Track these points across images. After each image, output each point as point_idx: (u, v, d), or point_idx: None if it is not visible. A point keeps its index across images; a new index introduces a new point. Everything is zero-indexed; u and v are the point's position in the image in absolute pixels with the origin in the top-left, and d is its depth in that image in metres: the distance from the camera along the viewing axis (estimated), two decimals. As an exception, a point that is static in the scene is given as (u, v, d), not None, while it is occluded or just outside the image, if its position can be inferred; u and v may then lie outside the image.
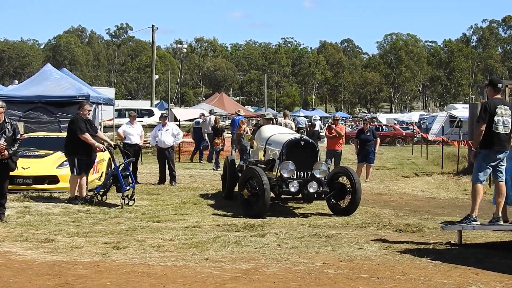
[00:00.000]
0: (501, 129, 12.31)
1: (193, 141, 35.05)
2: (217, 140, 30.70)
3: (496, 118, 12.25)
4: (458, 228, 12.47)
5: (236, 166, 19.06)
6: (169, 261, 10.56)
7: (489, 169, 12.44)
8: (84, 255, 10.98)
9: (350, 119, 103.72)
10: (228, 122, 50.62)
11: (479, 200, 12.49)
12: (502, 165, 12.57)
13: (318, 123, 44.49)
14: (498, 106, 12.35)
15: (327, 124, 37.31)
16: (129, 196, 16.98)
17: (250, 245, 11.91)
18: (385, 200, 19.69)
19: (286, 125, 27.02)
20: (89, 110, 18.14)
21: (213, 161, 30.25)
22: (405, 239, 12.76)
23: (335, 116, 28.43)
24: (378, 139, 25.62)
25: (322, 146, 29.25)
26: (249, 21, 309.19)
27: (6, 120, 14.29)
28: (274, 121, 21.86)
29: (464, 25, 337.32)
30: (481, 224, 12.75)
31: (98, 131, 18.69)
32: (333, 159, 24.93)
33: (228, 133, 36.57)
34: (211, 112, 35.47)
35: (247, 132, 27.11)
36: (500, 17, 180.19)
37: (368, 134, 24.64)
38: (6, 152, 13.99)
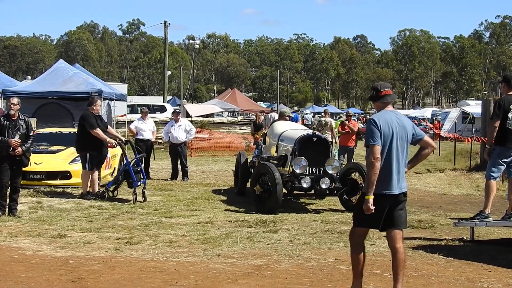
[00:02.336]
0: None
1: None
2: (257, 135, 30.84)
3: (510, 115, 12.16)
4: (471, 224, 12.43)
5: (249, 162, 19.05)
6: (181, 256, 10.59)
7: (503, 165, 12.37)
8: (97, 250, 11.01)
9: (362, 115, 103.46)
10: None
11: (492, 196, 12.44)
12: None
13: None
14: None
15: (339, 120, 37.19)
16: (143, 193, 16.98)
17: (263, 241, 11.92)
18: (398, 196, 19.62)
19: (326, 123, 27.06)
20: (100, 106, 18.20)
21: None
22: (418, 235, 12.74)
23: (348, 112, 28.38)
24: None
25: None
26: (261, 18, 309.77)
27: (20, 116, 14.36)
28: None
29: (475, 21, 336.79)
30: (494, 220, 12.71)
31: (109, 126, 18.70)
32: (345, 155, 24.89)
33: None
34: (272, 110, 35.80)
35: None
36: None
37: None
38: (20, 149, 14.07)
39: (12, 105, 14.29)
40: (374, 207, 7.94)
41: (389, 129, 8.11)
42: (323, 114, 33.15)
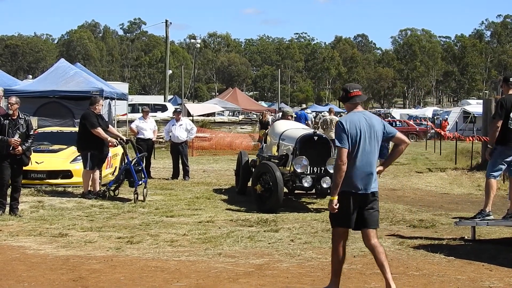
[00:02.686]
0: None
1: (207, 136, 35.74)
2: (259, 134, 30.89)
3: None
4: (472, 224, 12.46)
5: (250, 161, 19.04)
6: (182, 256, 10.59)
7: (504, 165, 12.44)
8: (98, 249, 11.01)
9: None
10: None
11: (493, 195, 12.51)
12: None
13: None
14: None
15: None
16: (143, 193, 16.95)
17: (264, 240, 11.92)
18: (399, 195, 19.64)
19: (331, 121, 27.11)
20: (102, 105, 18.22)
21: None
22: (419, 235, 12.74)
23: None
24: None
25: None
26: (262, 17, 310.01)
27: (20, 115, 14.37)
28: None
29: (476, 20, 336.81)
30: (495, 220, 12.73)
31: (110, 126, 18.70)
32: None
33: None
34: (280, 109, 36.07)
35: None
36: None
37: None
38: (20, 148, 14.10)
39: (10, 105, 14.31)
40: (337, 206, 8.21)
41: (356, 130, 8.28)
42: (325, 112, 33.27)
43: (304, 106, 53.71)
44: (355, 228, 8.47)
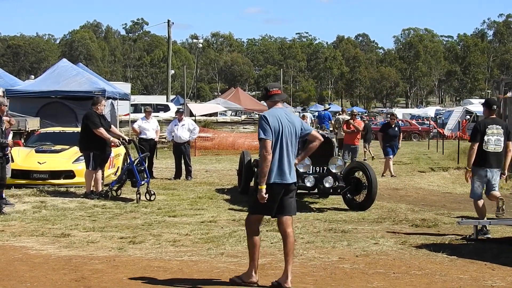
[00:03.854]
0: (491, 148, 12.79)
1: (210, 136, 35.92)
2: None
3: (486, 138, 12.71)
4: (474, 223, 12.48)
5: (252, 160, 19.03)
6: (185, 256, 10.59)
7: (483, 184, 12.82)
8: (100, 249, 11.01)
9: (366, 114, 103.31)
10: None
11: (481, 213, 12.81)
12: (494, 183, 13.00)
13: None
14: (489, 126, 12.84)
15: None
16: (148, 192, 16.92)
17: (266, 240, 11.89)
18: (401, 195, 19.64)
19: (343, 121, 27.19)
20: (105, 105, 18.23)
21: None
22: (421, 233, 12.73)
23: (352, 111, 28.40)
24: (401, 134, 25.80)
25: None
26: (264, 16, 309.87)
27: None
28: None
29: (477, 19, 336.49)
30: (497, 219, 12.77)
31: (112, 126, 18.67)
32: (349, 154, 24.91)
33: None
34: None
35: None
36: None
37: (396, 129, 24.71)
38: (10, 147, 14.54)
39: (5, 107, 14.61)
40: (267, 196, 8.71)
41: (278, 124, 8.87)
42: (331, 112, 33.45)
43: (328, 106, 53.67)
44: (274, 216, 9.01)
